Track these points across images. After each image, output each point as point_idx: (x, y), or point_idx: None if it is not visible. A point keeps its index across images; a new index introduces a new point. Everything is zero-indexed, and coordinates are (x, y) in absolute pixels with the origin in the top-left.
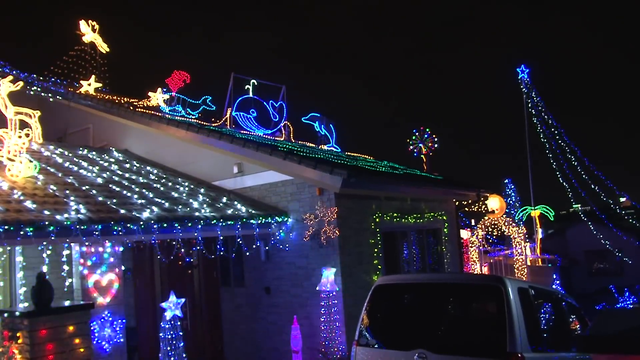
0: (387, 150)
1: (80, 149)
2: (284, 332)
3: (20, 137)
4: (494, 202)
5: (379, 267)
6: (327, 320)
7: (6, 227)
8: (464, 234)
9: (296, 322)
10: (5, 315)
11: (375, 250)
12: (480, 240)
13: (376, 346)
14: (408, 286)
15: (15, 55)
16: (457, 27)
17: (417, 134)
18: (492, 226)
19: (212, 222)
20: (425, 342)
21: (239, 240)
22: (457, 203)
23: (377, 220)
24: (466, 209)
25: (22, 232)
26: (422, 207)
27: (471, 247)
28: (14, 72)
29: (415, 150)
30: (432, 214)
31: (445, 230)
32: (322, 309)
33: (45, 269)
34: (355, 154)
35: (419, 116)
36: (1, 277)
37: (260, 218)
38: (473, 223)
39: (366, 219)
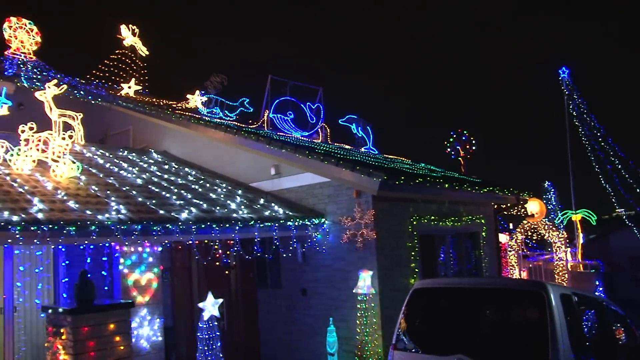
0: (425, 153)
1: (121, 150)
2: (320, 334)
3: (63, 138)
4: (534, 206)
5: (416, 270)
6: (363, 323)
7: (50, 226)
8: (503, 237)
9: (332, 324)
10: (50, 311)
11: (413, 253)
12: (519, 244)
13: (414, 350)
14: (447, 290)
15: (59, 60)
16: (495, 30)
17: (454, 136)
18: (532, 230)
19: (250, 224)
20: (464, 348)
21: (276, 241)
22: (495, 206)
23: (415, 223)
24: (505, 212)
25: (65, 231)
26: (460, 210)
27: (510, 251)
28: (58, 76)
29: (452, 152)
30: (470, 217)
31: (483, 233)
32: (359, 312)
33: (87, 267)
34: (392, 157)
35: (456, 119)
36: (46, 274)
37: (298, 220)
38: (512, 227)
39: (403, 221)
